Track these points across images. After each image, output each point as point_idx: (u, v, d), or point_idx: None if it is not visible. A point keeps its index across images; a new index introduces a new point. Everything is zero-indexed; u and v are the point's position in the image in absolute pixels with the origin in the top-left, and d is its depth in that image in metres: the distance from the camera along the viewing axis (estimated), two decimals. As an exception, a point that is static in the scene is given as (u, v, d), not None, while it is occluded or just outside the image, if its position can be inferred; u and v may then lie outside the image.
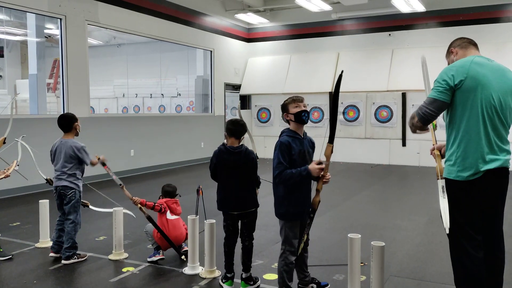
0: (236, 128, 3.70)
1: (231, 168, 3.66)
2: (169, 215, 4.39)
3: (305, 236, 3.24)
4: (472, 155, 2.75)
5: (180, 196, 4.63)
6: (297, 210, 3.27)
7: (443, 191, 2.83)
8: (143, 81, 15.79)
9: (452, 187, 2.85)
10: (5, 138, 4.90)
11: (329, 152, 3.16)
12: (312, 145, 3.47)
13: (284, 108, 3.37)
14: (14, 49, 14.62)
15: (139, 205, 4.33)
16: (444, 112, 2.91)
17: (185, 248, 4.38)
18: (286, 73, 13.36)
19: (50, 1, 8.26)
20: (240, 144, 3.72)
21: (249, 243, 3.74)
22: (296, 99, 3.35)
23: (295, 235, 3.29)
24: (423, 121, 2.89)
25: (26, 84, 9.65)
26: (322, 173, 3.16)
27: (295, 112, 3.29)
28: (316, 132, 12.55)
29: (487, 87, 2.73)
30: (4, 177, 4.53)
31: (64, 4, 8.53)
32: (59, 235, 4.40)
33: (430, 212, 6.41)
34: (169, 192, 4.53)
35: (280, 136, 3.31)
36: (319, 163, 3.15)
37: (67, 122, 4.46)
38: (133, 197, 4.37)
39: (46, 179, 4.54)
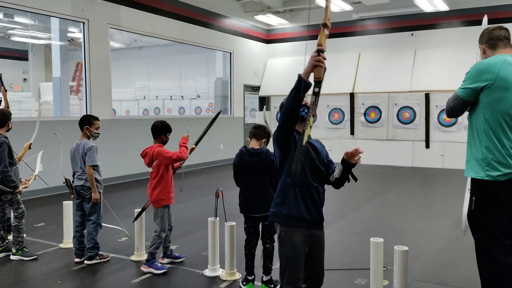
0: (256, 131, 3.73)
1: (252, 170, 3.65)
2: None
3: (311, 120, 2.37)
4: (502, 155, 2.68)
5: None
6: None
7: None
8: (163, 83, 15.93)
9: (480, 187, 2.77)
10: (31, 144, 5.00)
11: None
12: (321, 145, 2.82)
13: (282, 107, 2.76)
14: (38, 52, 14.95)
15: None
16: (469, 111, 2.84)
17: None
18: (306, 74, 13.29)
19: (73, 5, 8.41)
20: (262, 147, 3.71)
21: (270, 246, 3.72)
22: None
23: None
24: (448, 115, 2.97)
25: (50, 87, 9.84)
26: (319, 57, 2.43)
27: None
28: (337, 133, 12.48)
29: None
30: (24, 187, 4.71)
31: (87, 8, 8.67)
32: (80, 242, 4.45)
33: (454, 215, 6.27)
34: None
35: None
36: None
37: (82, 122, 4.52)
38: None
39: (66, 179, 4.60)
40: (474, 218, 2.83)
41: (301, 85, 2.40)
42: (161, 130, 4.26)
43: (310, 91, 2.46)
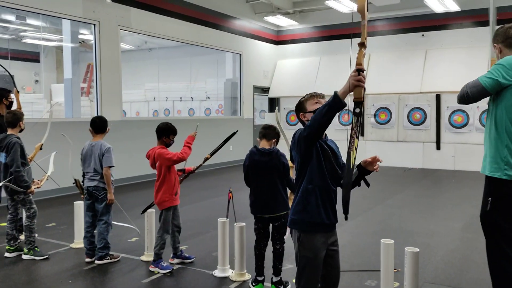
0: (266, 131, 3.73)
1: (262, 170, 3.65)
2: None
3: (356, 141, 2.31)
4: None
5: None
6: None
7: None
8: (173, 85, 16.00)
9: (497, 187, 2.73)
10: (42, 144, 5.05)
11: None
12: (336, 145, 2.81)
13: (300, 107, 2.76)
14: (50, 54, 15.11)
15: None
16: (490, 108, 2.81)
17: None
18: (316, 75, 13.26)
19: (84, 7, 8.49)
20: (272, 147, 3.71)
21: (280, 247, 3.72)
22: (316, 95, 2.74)
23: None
24: (460, 100, 2.89)
25: (61, 88, 9.93)
26: (359, 77, 2.34)
27: (315, 109, 2.57)
28: (345, 135, 12.42)
29: None
30: (37, 188, 4.75)
31: (98, 10, 8.74)
32: (90, 242, 4.47)
33: (465, 217, 6.20)
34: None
35: (296, 132, 2.59)
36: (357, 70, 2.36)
37: (103, 124, 4.55)
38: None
39: (75, 180, 4.63)
40: (489, 219, 2.79)
41: (336, 104, 2.28)
42: (162, 132, 4.28)
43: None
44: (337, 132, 12.45)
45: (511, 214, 2.70)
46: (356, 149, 2.28)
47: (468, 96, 2.78)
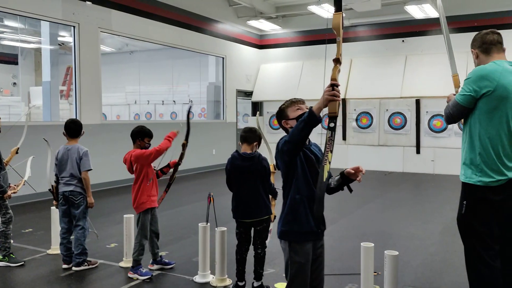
0: (247, 135, 3.71)
1: (244, 175, 3.63)
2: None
3: (330, 155, 2.32)
4: (495, 161, 2.69)
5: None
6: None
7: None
8: (155, 88, 15.89)
9: (471, 192, 2.78)
10: (18, 148, 4.93)
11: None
12: (320, 150, 2.80)
13: (282, 114, 2.71)
14: (28, 56, 14.84)
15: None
16: (467, 117, 2.84)
17: None
18: (299, 79, 13.33)
19: (64, 9, 8.36)
20: (254, 151, 3.69)
21: (261, 251, 3.70)
22: (296, 101, 2.72)
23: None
24: (447, 121, 2.99)
25: (40, 91, 9.76)
26: (333, 91, 2.33)
27: (297, 115, 2.63)
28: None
29: None
30: (13, 193, 4.62)
31: (78, 12, 8.62)
32: (67, 248, 4.38)
33: (444, 220, 6.28)
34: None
35: (280, 140, 2.59)
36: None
37: (78, 128, 4.47)
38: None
39: (52, 186, 4.51)
40: (464, 222, 2.83)
41: (311, 120, 2.32)
42: (136, 134, 4.24)
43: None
44: (319, 137, 12.53)
45: (486, 218, 2.74)
46: (329, 162, 2.31)
47: (452, 115, 2.87)
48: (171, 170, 4.47)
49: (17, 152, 4.93)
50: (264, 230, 3.68)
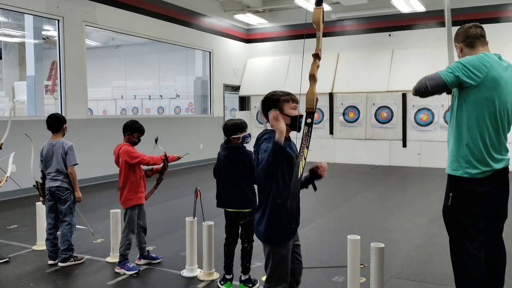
0: (223, 128, 3.70)
1: (225, 164, 3.64)
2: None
3: (305, 151, 2.37)
4: (482, 153, 2.72)
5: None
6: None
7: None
8: (141, 83, 15.75)
9: (457, 184, 2.81)
10: (1, 144, 4.84)
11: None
12: (294, 145, 2.75)
13: (275, 103, 2.59)
14: (12, 51, 14.58)
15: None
16: (452, 108, 2.86)
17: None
18: (286, 74, 13.33)
19: (47, 2, 8.22)
20: (240, 141, 3.67)
21: (248, 245, 3.69)
22: (295, 99, 2.64)
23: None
24: (417, 92, 2.86)
25: (24, 86, 9.61)
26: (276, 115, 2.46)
27: (294, 115, 2.58)
28: (316, 133, 12.52)
29: (504, 89, 2.70)
30: None
31: (62, 5, 8.49)
32: (53, 244, 4.34)
33: (430, 213, 6.36)
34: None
35: (261, 139, 2.59)
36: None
37: (57, 122, 4.42)
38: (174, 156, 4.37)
39: (36, 182, 4.44)
40: (450, 213, 2.86)
41: (277, 150, 2.35)
42: (126, 128, 4.24)
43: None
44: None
45: (471, 210, 2.78)
46: (305, 159, 2.31)
47: (426, 88, 2.77)
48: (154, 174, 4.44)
49: (0, 148, 4.85)
50: (248, 225, 3.66)
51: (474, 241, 2.75)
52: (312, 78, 2.47)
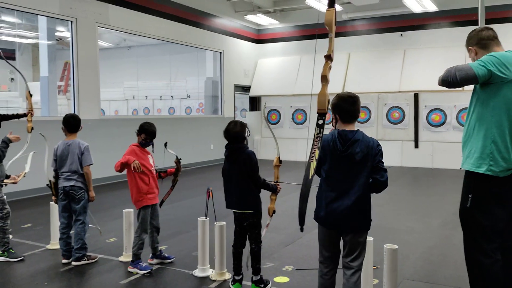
0: (226, 133, 3.70)
1: (229, 165, 3.67)
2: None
3: (317, 152, 2.49)
4: (508, 150, 2.67)
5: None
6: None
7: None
8: (153, 83, 15.84)
9: (478, 183, 2.75)
10: (26, 173, 4.85)
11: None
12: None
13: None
14: (26, 52, 14.77)
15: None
16: (474, 104, 2.79)
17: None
18: (296, 74, 13.30)
19: (61, 4, 8.31)
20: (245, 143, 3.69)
21: (255, 246, 3.68)
22: None
23: None
24: (443, 82, 2.74)
25: (38, 86, 9.72)
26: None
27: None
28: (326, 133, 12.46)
29: None
30: (12, 183, 4.60)
31: (75, 6, 8.57)
32: (67, 243, 4.38)
33: (443, 214, 6.30)
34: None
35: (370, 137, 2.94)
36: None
37: (77, 123, 4.48)
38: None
39: (49, 181, 4.49)
40: (468, 215, 2.81)
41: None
42: (138, 129, 4.28)
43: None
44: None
45: (491, 212, 2.72)
46: (316, 160, 2.29)
47: (454, 79, 2.66)
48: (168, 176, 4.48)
49: (24, 176, 4.90)
50: (251, 226, 3.65)
51: (491, 243, 2.71)
52: (324, 79, 2.46)
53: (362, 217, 2.80)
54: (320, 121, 2.35)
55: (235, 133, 3.64)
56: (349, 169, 2.70)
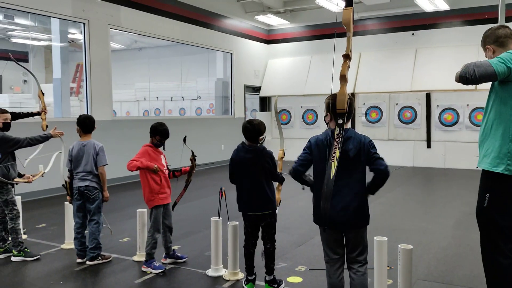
0: (244, 132, 3.69)
1: (247, 167, 3.61)
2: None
3: (337, 152, 2.51)
4: None
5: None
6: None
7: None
8: (164, 84, 15.92)
9: (496, 182, 2.72)
10: (44, 172, 4.92)
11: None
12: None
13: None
14: (39, 54, 14.93)
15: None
16: (492, 102, 2.76)
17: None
18: (307, 74, 13.28)
19: (73, 6, 8.40)
20: (261, 143, 3.68)
21: (271, 246, 3.68)
22: None
23: None
24: (460, 78, 2.65)
25: (50, 88, 9.83)
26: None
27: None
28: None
29: None
30: (26, 182, 4.64)
31: (87, 9, 8.66)
32: (81, 243, 4.42)
33: (456, 214, 6.25)
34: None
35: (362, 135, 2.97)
36: None
37: (92, 124, 4.53)
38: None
39: (65, 182, 4.54)
40: (486, 215, 2.78)
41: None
42: (150, 129, 4.29)
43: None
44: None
45: (509, 211, 2.70)
46: (337, 159, 2.29)
47: (473, 75, 2.58)
48: (183, 175, 4.49)
49: (42, 176, 4.96)
50: (269, 226, 3.65)
51: (509, 243, 2.69)
52: (343, 78, 2.46)
53: (361, 212, 2.88)
54: (340, 121, 2.34)
55: (260, 124, 3.65)
56: (344, 167, 2.71)
